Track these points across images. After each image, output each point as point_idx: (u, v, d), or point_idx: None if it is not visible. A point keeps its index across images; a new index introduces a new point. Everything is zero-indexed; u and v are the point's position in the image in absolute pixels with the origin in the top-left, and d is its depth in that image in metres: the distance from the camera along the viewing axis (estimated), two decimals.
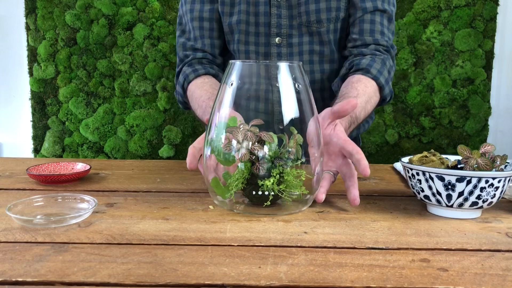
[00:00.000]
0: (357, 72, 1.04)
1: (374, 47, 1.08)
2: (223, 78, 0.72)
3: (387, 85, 1.05)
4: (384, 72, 1.05)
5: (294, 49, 1.11)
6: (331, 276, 0.49)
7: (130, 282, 0.48)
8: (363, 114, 0.97)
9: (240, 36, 1.12)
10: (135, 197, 0.79)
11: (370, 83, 1.02)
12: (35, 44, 2.26)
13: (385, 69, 1.06)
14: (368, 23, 1.08)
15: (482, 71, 2.24)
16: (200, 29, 1.14)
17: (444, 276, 0.50)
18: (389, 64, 1.08)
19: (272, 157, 0.68)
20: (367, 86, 1.00)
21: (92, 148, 2.31)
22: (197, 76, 1.11)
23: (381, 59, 1.06)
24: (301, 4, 1.08)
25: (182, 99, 1.16)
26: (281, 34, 1.10)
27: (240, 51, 1.14)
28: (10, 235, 0.60)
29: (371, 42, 1.08)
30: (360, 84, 1.00)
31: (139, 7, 2.22)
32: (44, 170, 0.92)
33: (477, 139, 2.28)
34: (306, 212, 0.71)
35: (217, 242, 0.58)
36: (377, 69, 1.04)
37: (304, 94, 0.71)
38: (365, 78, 1.02)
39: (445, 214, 0.70)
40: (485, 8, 2.19)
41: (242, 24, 1.11)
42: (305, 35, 1.10)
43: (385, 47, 1.10)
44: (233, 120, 0.70)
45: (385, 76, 1.05)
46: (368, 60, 1.04)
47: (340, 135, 0.77)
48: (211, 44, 1.15)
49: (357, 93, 0.96)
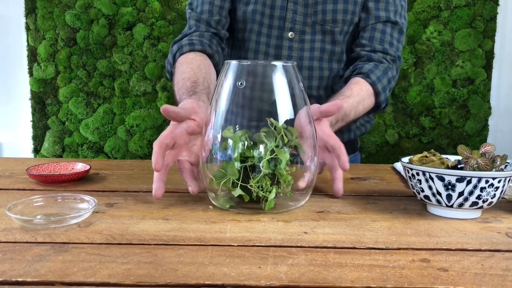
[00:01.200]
0: (358, 75, 1.08)
1: (382, 55, 1.12)
2: (219, 78, 0.72)
3: (384, 92, 1.09)
4: (383, 80, 1.09)
5: (305, 45, 1.13)
6: (331, 276, 0.49)
7: (130, 282, 0.48)
8: (353, 114, 1.02)
9: (254, 26, 1.13)
10: (135, 197, 0.79)
11: (366, 87, 1.07)
12: (35, 44, 2.26)
13: (386, 77, 1.10)
14: (380, 32, 1.12)
15: (482, 71, 2.24)
16: (209, 4, 1.13)
17: (444, 276, 0.50)
18: (391, 74, 1.12)
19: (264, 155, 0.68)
20: (362, 89, 1.05)
21: (92, 148, 2.31)
22: (191, 50, 1.08)
23: (384, 68, 1.10)
24: (318, 3, 1.11)
25: (171, 68, 1.13)
26: (294, 30, 1.12)
27: (251, 40, 1.14)
28: (10, 235, 0.60)
29: (380, 50, 1.12)
30: (356, 86, 1.05)
31: (139, 7, 2.22)
32: (44, 170, 0.92)
33: (477, 139, 2.28)
34: (306, 212, 0.71)
35: (217, 242, 0.58)
36: (377, 76, 1.08)
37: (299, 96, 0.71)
38: (363, 81, 1.07)
39: (445, 214, 0.70)
40: (485, 8, 2.19)
41: (257, 15, 1.12)
42: (318, 33, 1.12)
43: (393, 57, 1.13)
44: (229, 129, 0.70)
45: (383, 84, 1.09)
46: (371, 66, 1.09)
47: (324, 129, 0.80)
48: (217, 21, 1.13)
49: (351, 93, 1.01)
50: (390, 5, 1.12)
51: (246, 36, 1.14)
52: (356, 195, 0.82)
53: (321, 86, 1.15)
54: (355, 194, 0.83)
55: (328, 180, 0.92)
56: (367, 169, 1.05)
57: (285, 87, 0.70)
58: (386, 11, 1.12)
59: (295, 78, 0.72)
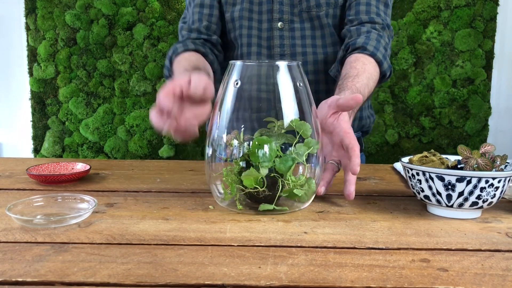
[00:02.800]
0: (353, 51, 1.05)
1: (370, 26, 1.10)
2: (223, 79, 0.72)
3: (385, 60, 1.07)
4: (381, 48, 1.06)
5: (296, 33, 1.14)
6: (331, 276, 0.49)
7: (130, 282, 0.48)
8: (367, 91, 0.98)
9: (243, 22, 1.14)
10: (135, 197, 0.79)
11: (368, 60, 1.03)
12: (35, 44, 2.26)
13: (381, 45, 1.07)
14: (364, 5, 1.11)
15: (482, 71, 2.24)
16: (199, 14, 1.16)
17: (444, 276, 0.50)
18: (384, 41, 1.09)
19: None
20: (365, 64, 1.02)
21: (92, 148, 2.31)
22: (186, 50, 1.10)
23: (376, 36, 1.08)
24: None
25: (168, 72, 1.15)
26: (283, 20, 1.13)
27: (242, 36, 1.15)
28: (10, 235, 0.60)
29: (367, 20, 1.10)
30: (358, 62, 1.01)
31: (139, 7, 2.22)
32: (44, 170, 0.92)
33: (477, 139, 2.28)
34: (306, 212, 0.71)
35: (217, 242, 0.58)
36: (373, 45, 1.05)
37: (304, 94, 0.71)
38: (362, 56, 1.03)
39: (445, 214, 0.70)
40: (485, 8, 2.19)
41: (245, 12, 1.14)
42: (306, 21, 1.14)
43: (381, 25, 1.12)
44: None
45: (382, 52, 1.06)
46: (363, 39, 1.06)
47: (342, 125, 0.77)
48: (207, 27, 1.16)
49: (356, 72, 0.97)
50: None
51: (237, 34, 1.16)
52: (356, 195, 0.82)
53: (318, 70, 1.15)
54: (355, 194, 0.83)
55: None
56: (367, 169, 1.05)
57: (289, 87, 0.70)
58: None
59: (300, 77, 0.72)
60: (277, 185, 0.68)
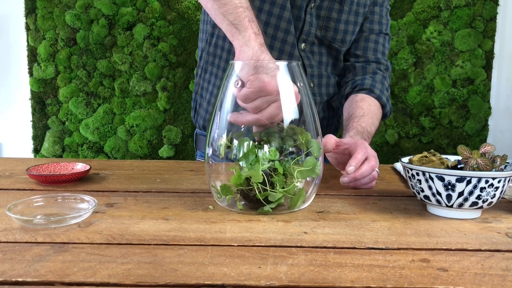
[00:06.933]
0: (360, 91, 1.13)
1: (376, 65, 1.17)
2: (224, 80, 0.72)
3: (388, 103, 1.16)
4: (385, 92, 1.15)
5: (314, 57, 1.14)
6: (331, 276, 0.49)
7: (130, 282, 0.48)
8: (373, 129, 1.06)
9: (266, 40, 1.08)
10: (135, 197, 0.79)
11: (373, 102, 1.12)
12: (35, 44, 2.26)
13: (385, 88, 1.16)
14: (373, 42, 1.18)
15: (482, 71, 2.24)
16: None
17: (444, 276, 0.50)
18: (387, 83, 1.18)
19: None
20: (371, 105, 1.10)
21: (92, 148, 2.31)
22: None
23: (381, 78, 1.16)
24: (331, 20, 1.11)
25: None
26: (307, 41, 1.11)
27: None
28: (10, 235, 0.60)
29: (373, 60, 1.17)
30: (364, 103, 1.09)
31: (139, 7, 2.22)
32: (44, 170, 0.92)
33: (477, 139, 2.28)
34: (306, 212, 0.71)
35: (217, 242, 0.58)
36: (379, 89, 1.13)
37: (304, 94, 0.71)
38: (368, 97, 1.12)
39: (445, 214, 0.70)
40: (485, 8, 2.20)
41: (269, 28, 1.07)
42: (325, 47, 1.14)
43: (385, 66, 1.19)
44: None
45: (386, 95, 1.15)
46: (370, 80, 1.14)
47: (367, 148, 0.88)
48: None
49: (362, 112, 1.06)
50: (383, 18, 1.19)
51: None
52: (356, 195, 0.82)
53: (329, 93, 1.18)
54: (355, 194, 0.83)
55: (328, 180, 0.92)
56: None
57: (289, 87, 0.70)
58: (379, 24, 1.18)
59: (300, 77, 0.72)
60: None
